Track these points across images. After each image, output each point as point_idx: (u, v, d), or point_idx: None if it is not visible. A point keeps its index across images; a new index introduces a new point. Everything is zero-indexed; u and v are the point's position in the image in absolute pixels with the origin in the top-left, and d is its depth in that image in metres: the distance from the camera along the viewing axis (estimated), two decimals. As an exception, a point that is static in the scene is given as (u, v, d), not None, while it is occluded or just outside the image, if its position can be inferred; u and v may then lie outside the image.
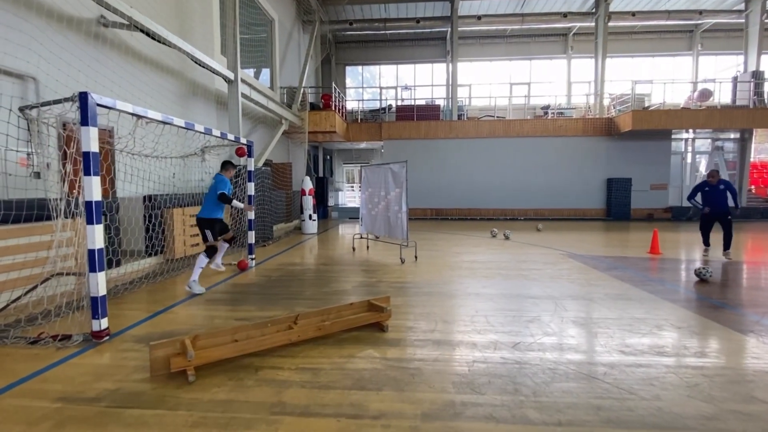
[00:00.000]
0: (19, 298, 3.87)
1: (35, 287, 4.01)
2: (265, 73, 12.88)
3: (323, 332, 3.24)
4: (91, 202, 3.16)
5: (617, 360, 2.82)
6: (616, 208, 15.54)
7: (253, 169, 6.23)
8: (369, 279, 5.41)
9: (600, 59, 15.99)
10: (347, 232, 11.80)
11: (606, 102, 16.45)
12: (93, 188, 3.17)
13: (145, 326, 3.59)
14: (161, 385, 2.49)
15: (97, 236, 3.19)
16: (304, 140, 13.62)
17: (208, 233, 4.90)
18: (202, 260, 4.84)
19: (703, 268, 5.18)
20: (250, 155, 6.17)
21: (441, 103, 17.90)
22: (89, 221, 3.18)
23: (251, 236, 6.31)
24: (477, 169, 15.94)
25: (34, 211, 4.11)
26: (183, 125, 4.58)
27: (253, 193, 6.28)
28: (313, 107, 14.41)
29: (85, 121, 3.16)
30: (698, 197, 6.97)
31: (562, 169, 15.79)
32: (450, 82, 18.36)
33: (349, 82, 20.23)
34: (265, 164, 10.83)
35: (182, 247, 6.67)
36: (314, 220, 10.84)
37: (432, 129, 16.00)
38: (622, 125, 14.86)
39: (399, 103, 18.33)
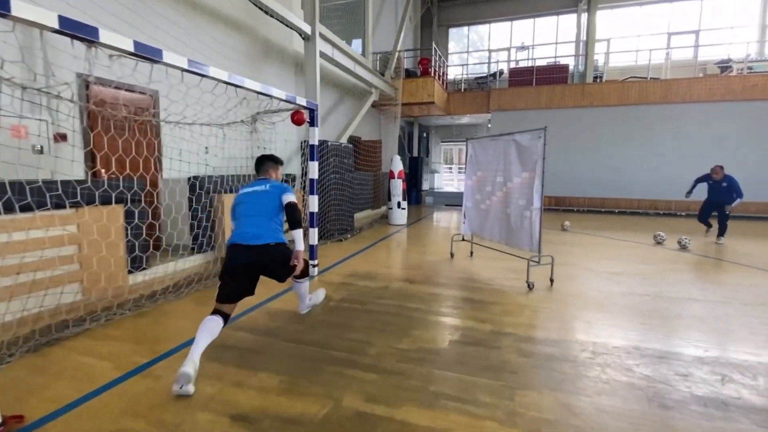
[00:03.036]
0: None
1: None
2: (356, 44, 11.16)
3: None
4: None
5: None
6: (844, 204, 10.54)
7: (317, 143, 4.46)
8: (476, 324, 3.27)
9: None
10: (443, 225, 9.65)
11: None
12: None
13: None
14: None
15: None
16: (396, 113, 11.68)
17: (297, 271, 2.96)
18: (303, 286, 3.31)
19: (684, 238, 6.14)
20: (313, 123, 4.40)
21: (568, 63, 14.26)
22: None
23: (313, 235, 4.62)
24: (618, 147, 12.23)
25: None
26: (226, 80, 3.00)
27: (316, 176, 4.54)
28: (409, 74, 12.32)
29: None
30: (697, 187, 7.26)
31: (753, 147, 11.20)
32: (583, 37, 14.56)
33: (452, 46, 17.56)
34: (349, 141, 9.19)
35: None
36: (404, 208, 8.91)
37: (557, 96, 12.68)
38: None
39: (513, 65, 15.17)
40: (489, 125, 15.53)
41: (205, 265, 4.74)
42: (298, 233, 2.73)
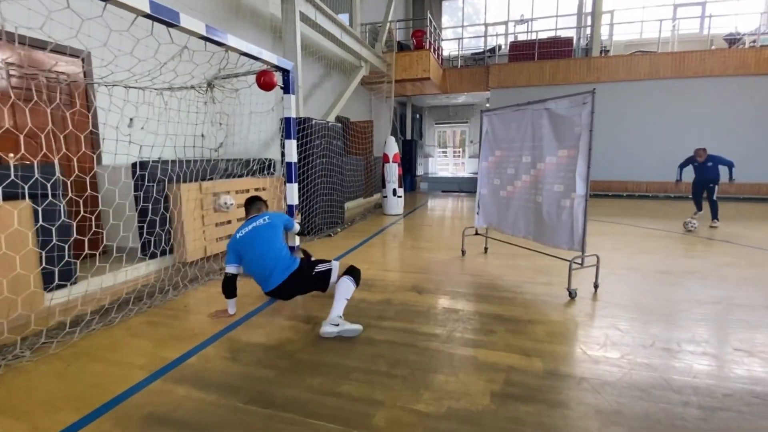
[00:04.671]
0: None
1: None
2: (343, 18, 9.95)
3: None
4: None
5: None
6: None
7: (294, 116, 3.43)
8: (522, 361, 2.36)
9: None
10: (445, 215, 8.72)
11: None
12: None
13: None
14: None
15: None
16: (389, 92, 10.60)
17: (319, 267, 2.96)
18: (347, 287, 2.78)
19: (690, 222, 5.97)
20: (288, 89, 3.36)
21: (572, 36, 13.27)
22: None
23: (293, 234, 3.64)
24: (625, 126, 11.40)
25: None
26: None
27: (295, 160, 3.53)
28: (402, 48, 11.20)
29: None
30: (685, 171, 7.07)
31: (766, 125, 10.48)
32: (586, 9, 13.55)
33: (446, 21, 16.39)
34: (337, 121, 8.14)
35: (199, 242, 4.29)
36: (400, 196, 7.94)
37: (561, 71, 11.72)
38: None
39: (513, 39, 14.12)
40: (487, 104, 14.56)
41: (157, 274, 3.73)
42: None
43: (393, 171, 7.75)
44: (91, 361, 2.32)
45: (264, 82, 3.05)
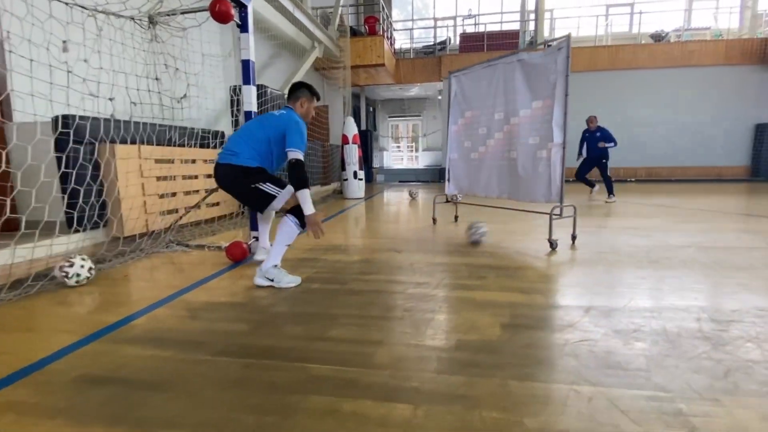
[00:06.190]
0: None
1: None
2: None
3: None
4: None
5: None
6: (769, 164, 11.22)
7: (252, 59, 3.04)
8: (522, 297, 2.19)
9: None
10: (408, 198, 8.58)
11: (764, 14, 11.74)
12: None
13: None
14: None
15: None
16: (345, 79, 10.27)
17: (267, 187, 2.37)
18: (290, 229, 2.33)
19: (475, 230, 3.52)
20: (244, 27, 2.97)
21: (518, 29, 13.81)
22: None
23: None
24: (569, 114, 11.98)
25: None
26: None
27: (255, 109, 3.13)
28: (355, 33, 10.95)
29: None
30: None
31: (691, 113, 11.54)
32: (528, 6, 14.18)
33: (396, 14, 16.39)
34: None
35: (138, 214, 3.72)
36: (361, 179, 7.66)
37: (510, 62, 12.07)
38: (794, 44, 10.31)
39: (463, 31, 14.40)
40: (439, 97, 14.74)
41: (87, 250, 3.14)
42: (303, 194, 2.23)
43: (353, 152, 7.45)
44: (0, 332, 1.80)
45: (219, 10, 2.64)
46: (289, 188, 2.38)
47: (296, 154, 2.25)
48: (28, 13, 2.42)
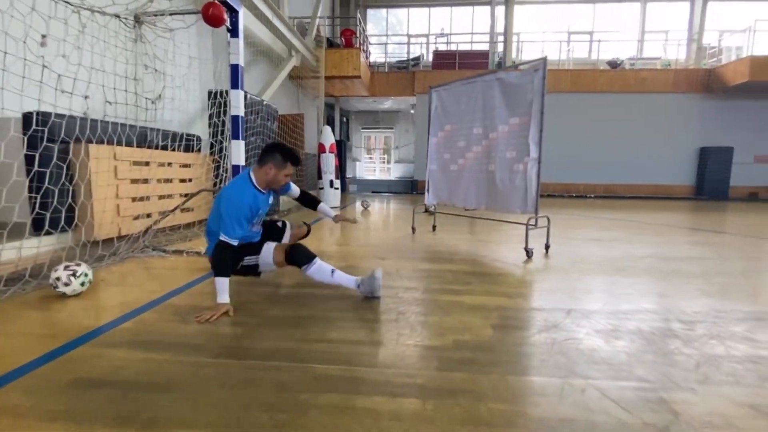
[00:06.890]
0: None
1: None
2: None
3: None
4: None
5: None
6: (711, 184, 12.26)
7: (241, 63, 3.04)
8: (508, 301, 2.30)
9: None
10: (383, 207, 8.65)
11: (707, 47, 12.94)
12: None
13: None
14: None
15: None
16: (320, 90, 10.31)
17: (246, 260, 2.22)
18: (320, 270, 2.20)
19: None
20: (234, 32, 2.97)
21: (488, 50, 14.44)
22: None
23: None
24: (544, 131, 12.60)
25: None
26: None
27: (242, 114, 3.12)
28: (332, 45, 11.07)
29: None
30: None
31: (643, 135, 12.46)
32: (497, 29, 14.88)
33: (370, 28, 16.71)
34: (268, 107, 7.62)
35: (112, 218, 3.57)
36: (337, 188, 7.68)
37: (480, 80, 12.59)
38: (731, 77, 11.43)
39: (436, 48, 14.87)
40: (412, 111, 15.06)
41: (56, 253, 2.97)
42: (218, 282, 2.01)
43: (330, 161, 7.48)
44: (-29, 337, 1.69)
45: (212, 14, 2.64)
46: (267, 246, 2.23)
47: (223, 237, 2.01)
48: (10, 6, 2.32)
